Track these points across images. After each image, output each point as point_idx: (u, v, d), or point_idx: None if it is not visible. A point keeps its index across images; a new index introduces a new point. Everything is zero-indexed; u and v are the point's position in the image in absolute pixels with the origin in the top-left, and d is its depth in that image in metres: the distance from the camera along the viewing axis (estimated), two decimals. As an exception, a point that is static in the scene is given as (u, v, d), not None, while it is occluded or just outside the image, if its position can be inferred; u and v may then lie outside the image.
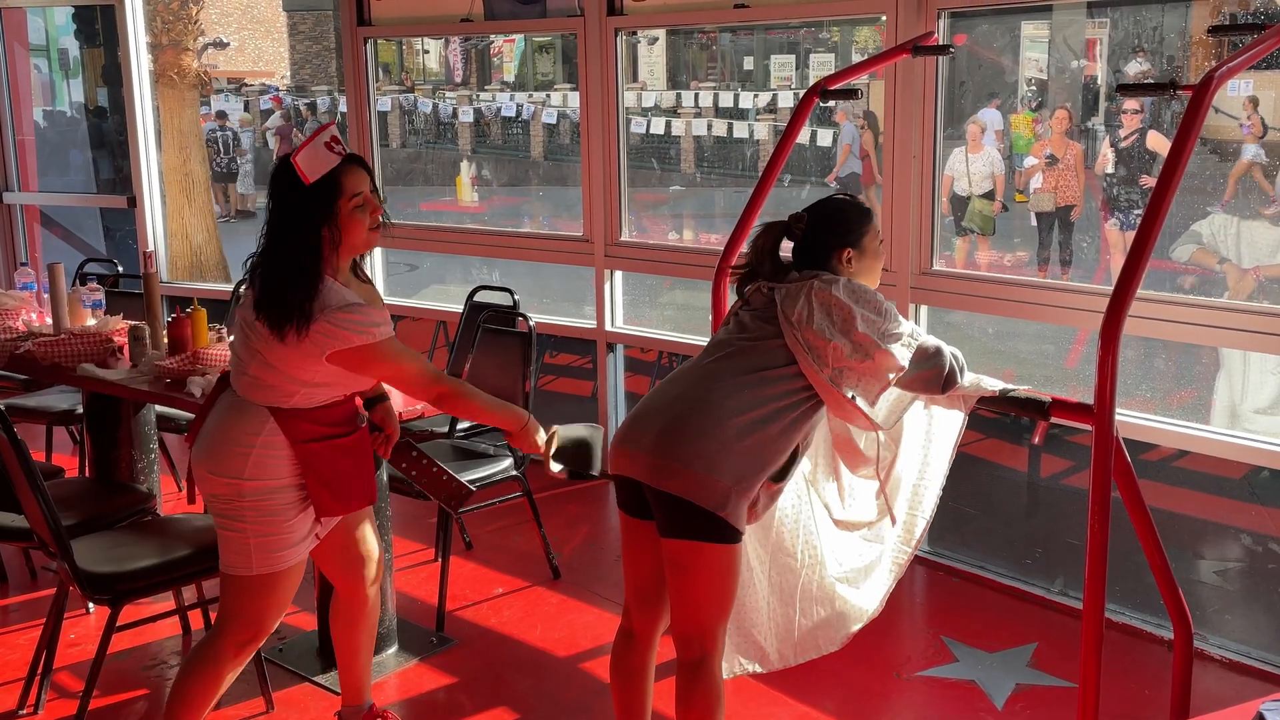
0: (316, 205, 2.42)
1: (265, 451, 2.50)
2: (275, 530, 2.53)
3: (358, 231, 2.47)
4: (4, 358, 3.81)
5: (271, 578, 2.56)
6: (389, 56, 17.68)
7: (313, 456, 2.53)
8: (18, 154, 6.62)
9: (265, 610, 2.59)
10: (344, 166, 2.44)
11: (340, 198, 2.43)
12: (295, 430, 2.51)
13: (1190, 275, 5.10)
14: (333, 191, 2.42)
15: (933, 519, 2.79)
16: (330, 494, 2.56)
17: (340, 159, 2.43)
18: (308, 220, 2.42)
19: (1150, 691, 3.22)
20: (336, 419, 2.58)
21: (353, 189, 2.45)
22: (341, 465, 2.58)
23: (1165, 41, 9.88)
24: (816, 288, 2.42)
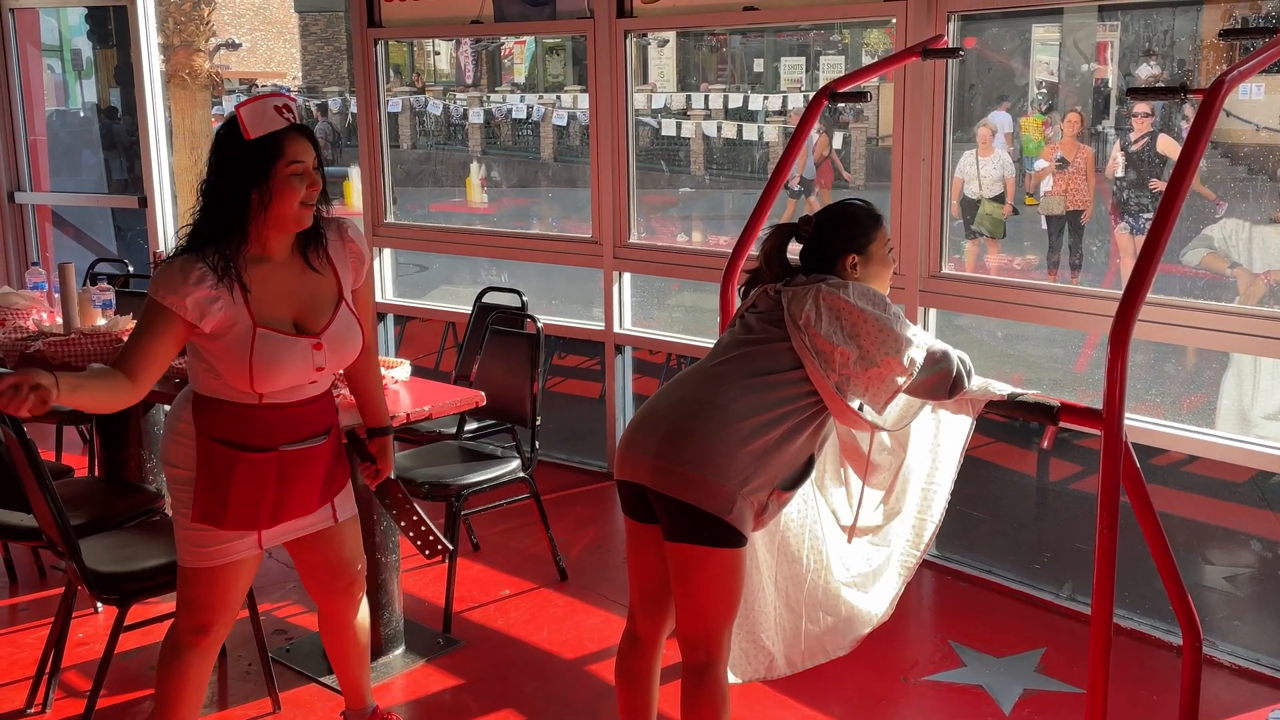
0: (252, 161, 2.30)
1: (181, 439, 2.44)
2: (189, 524, 2.46)
3: (289, 200, 2.33)
4: (14, 357, 3.82)
5: (199, 573, 2.49)
6: (400, 58, 17.72)
7: (212, 456, 2.41)
8: (30, 154, 6.65)
9: (207, 602, 2.52)
10: (288, 131, 2.33)
11: (278, 159, 2.31)
12: (205, 423, 2.42)
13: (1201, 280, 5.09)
14: (271, 151, 2.30)
15: (941, 523, 2.79)
16: (218, 502, 2.42)
17: (286, 125, 2.33)
18: (240, 176, 2.31)
19: (1159, 698, 3.21)
20: (258, 430, 2.43)
21: (293, 155, 2.32)
22: (240, 478, 2.42)
23: (1176, 45, 9.85)
24: (824, 291, 2.42)
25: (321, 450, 2.55)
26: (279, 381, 2.40)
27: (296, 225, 2.39)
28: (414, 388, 3.46)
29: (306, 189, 2.35)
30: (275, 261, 2.42)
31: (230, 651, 3.46)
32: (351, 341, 2.52)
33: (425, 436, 4.12)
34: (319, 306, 2.46)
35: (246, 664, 3.40)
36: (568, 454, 5.25)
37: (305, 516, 2.59)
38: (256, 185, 2.31)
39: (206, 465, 2.42)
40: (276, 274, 2.41)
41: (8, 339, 3.88)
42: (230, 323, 2.34)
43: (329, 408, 2.59)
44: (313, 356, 2.43)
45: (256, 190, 2.31)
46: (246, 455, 2.43)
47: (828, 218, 2.55)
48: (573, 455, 5.24)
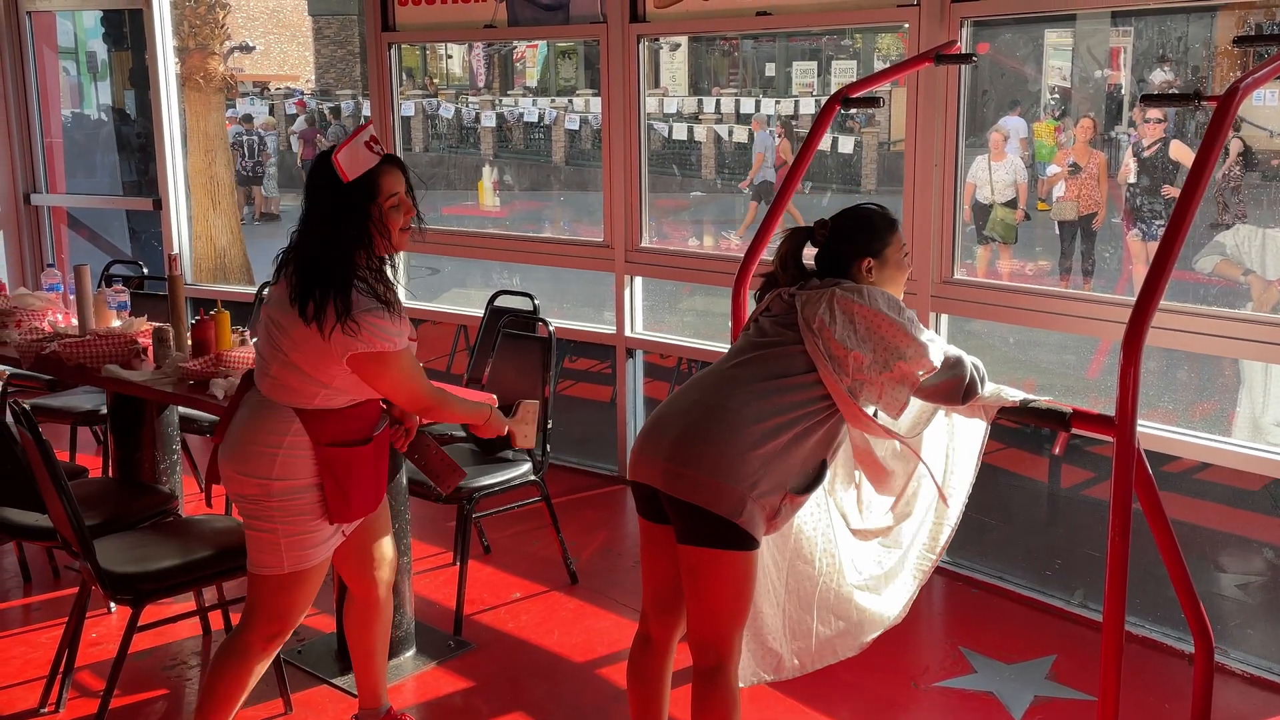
0: (354, 203, 2.45)
1: (291, 452, 2.52)
2: (303, 529, 2.56)
3: (394, 229, 2.51)
4: (30, 358, 3.85)
5: (300, 575, 2.59)
6: (412, 61, 17.78)
7: (333, 460, 2.54)
8: (46, 156, 6.69)
9: (293, 605, 2.63)
10: (382, 166, 2.48)
11: (377, 197, 2.47)
12: (319, 432, 2.53)
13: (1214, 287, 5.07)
14: (370, 190, 2.46)
15: (957, 526, 2.78)
16: (344, 499, 2.57)
17: (379, 159, 2.47)
18: (344, 218, 2.46)
19: (1170, 705, 3.20)
20: (360, 425, 2.60)
21: (389, 189, 2.49)
22: (359, 470, 2.60)
23: (1190, 51, 9.82)
24: (839, 295, 2.42)
25: (388, 434, 2.76)
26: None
27: (397, 249, 2.58)
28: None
29: (404, 216, 2.53)
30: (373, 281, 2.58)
31: (242, 652, 3.48)
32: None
33: (438, 439, 4.13)
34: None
35: (258, 665, 3.41)
36: (578, 457, 5.25)
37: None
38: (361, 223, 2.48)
39: (329, 471, 2.55)
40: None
41: (24, 340, 3.91)
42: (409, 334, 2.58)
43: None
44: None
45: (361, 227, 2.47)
46: (359, 449, 2.60)
47: (843, 222, 2.55)
48: (583, 459, 5.25)
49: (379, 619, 2.91)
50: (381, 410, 2.71)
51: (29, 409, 2.90)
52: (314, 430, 2.53)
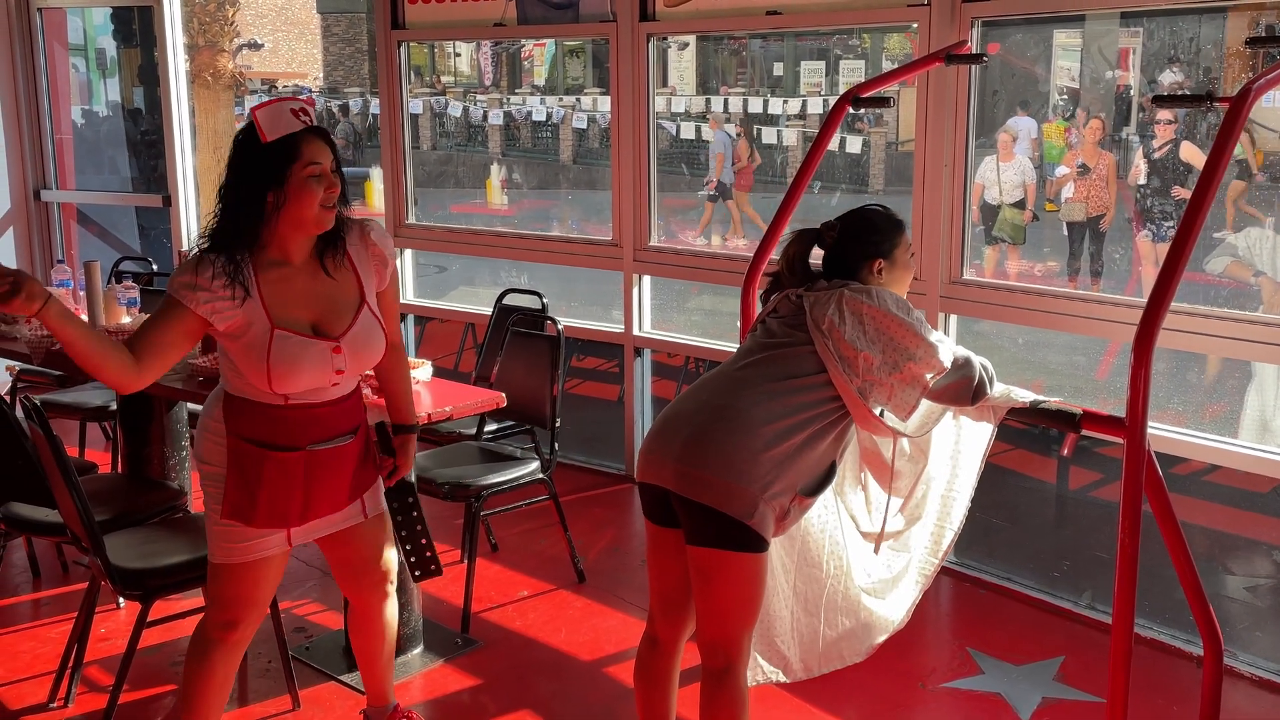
0: (268, 164, 2.30)
1: (213, 437, 2.47)
2: (220, 522, 2.49)
3: (308, 203, 2.33)
4: (40, 354, 3.86)
5: (225, 569, 2.52)
6: (420, 59, 17.79)
7: (242, 455, 2.44)
8: (56, 153, 6.70)
9: (234, 598, 2.54)
10: (305, 134, 2.33)
11: (295, 162, 2.31)
12: (234, 421, 2.45)
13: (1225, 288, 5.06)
14: (288, 154, 2.31)
15: (961, 530, 2.78)
16: (249, 499, 2.45)
17: (303, 127, 2.33)
18: (257, 179, 2.31)
19: (1178, 708, 3.19)
20: (285, 430, 2.45)
21: (310, 157, 2.33)
22: (273, 477, 2.45)
23: (1201, 53, 9.80)
24: (847, 296, 2.42)
25: (349, 449, 2.56)
26: (297, 383, 2.41)
27: (316, 228, 2.39)
28: (435, 388, 3.48)
29: (325, 191, 2.35)
30: (295, 265, 2.42)
31: (251, 649, 3.47)
32: (373, 345, 2.52)
33: (445, 437, 4.14)
34: (339, 310, 2.46)
35: (267, 661, 3.42)
36: (586, 456, 5.26)
37: (335, 514, 2.61)
38: (273, 188, 2.32)
39: (236, 464, 2.44)
40: (296, 277, 2.42)
41: (34, 336, 3.92)
42: (247, 324, 2.36)
43: (357, 407, 2.60)
44: (331, 360, 2.43)
45: (273, 193, 2.32)
46: (275, 454, 2.45)
47: (852, 223, 2.55)
48: (591, 457, 5.25)
49: (378, 625, 2.85)
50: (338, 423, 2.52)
51: (39, 405, 2.90)
52: (230, 417, 2.45)
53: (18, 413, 3.07)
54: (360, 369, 2.54)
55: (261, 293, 2.37)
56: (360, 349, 2.48)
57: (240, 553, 2.51)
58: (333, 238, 2.46)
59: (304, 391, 2.44)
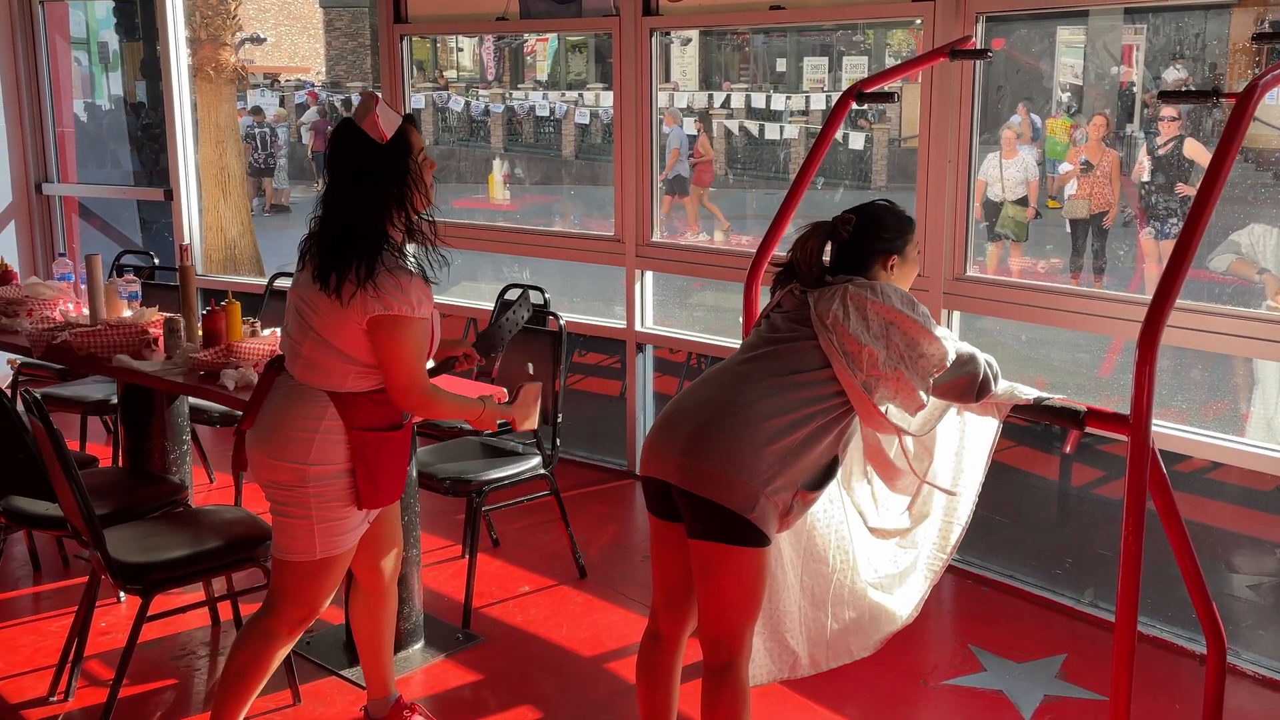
0: (394, 162, 2.45)
1: (328, 437, 2.52)
2: (336, 515, 2.56)
3: (428, 186, 2.53)
4: (41, 347, 3.85)
5: (330, 561, 2.60)
6: (423, 54, 17.76)
7: (365, 445, 2.54)
8: (58, 146, 6.70)
9: (321, 590, 2.64)
10: (407, 124, 2.49)
11: (413, 152, 2.48)
12: (352, 417, 2.53)
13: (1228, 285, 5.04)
14: (406, 146, 2.47)
15: (968, 526, 2.77)
16: (374, 485, 2.57)
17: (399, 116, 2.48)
18: (384, 179, 2.45)
19: (1181, 706, 3.19)
20: (392, 410, 2.59)
21: (419, 144, 2.51)
22: (390, 457, 2.60)
23: (1207, 49, 9.77)
24: (852, 292, 2.41)
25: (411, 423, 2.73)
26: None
27: (427, 205, 2.56)
28: (437, 383, 3.46)
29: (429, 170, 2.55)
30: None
31: (251, 643, 3.48)
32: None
33: (446, 432, 4.13)
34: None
35: (267, 656, 3.41)
36: (587, 452, 5.25)
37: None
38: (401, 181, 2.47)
39: (361, 456, 2.54)
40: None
41: (35, 329, 3.91)
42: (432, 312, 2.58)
43: None
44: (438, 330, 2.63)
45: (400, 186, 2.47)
46: (392, 435, 2.60)
47: (868, 218, 2.53)
48: (593, 453, 5.24)
49: (385, 608, 2.92)
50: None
51: (40, 398, 2.90)
52: (347, 415, 2.52)
53: (18, 406, 3.06)
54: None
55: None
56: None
57: (348, 540, 2.62)
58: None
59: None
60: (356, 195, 2.45)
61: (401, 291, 2.44)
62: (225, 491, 4.71)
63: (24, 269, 6.43)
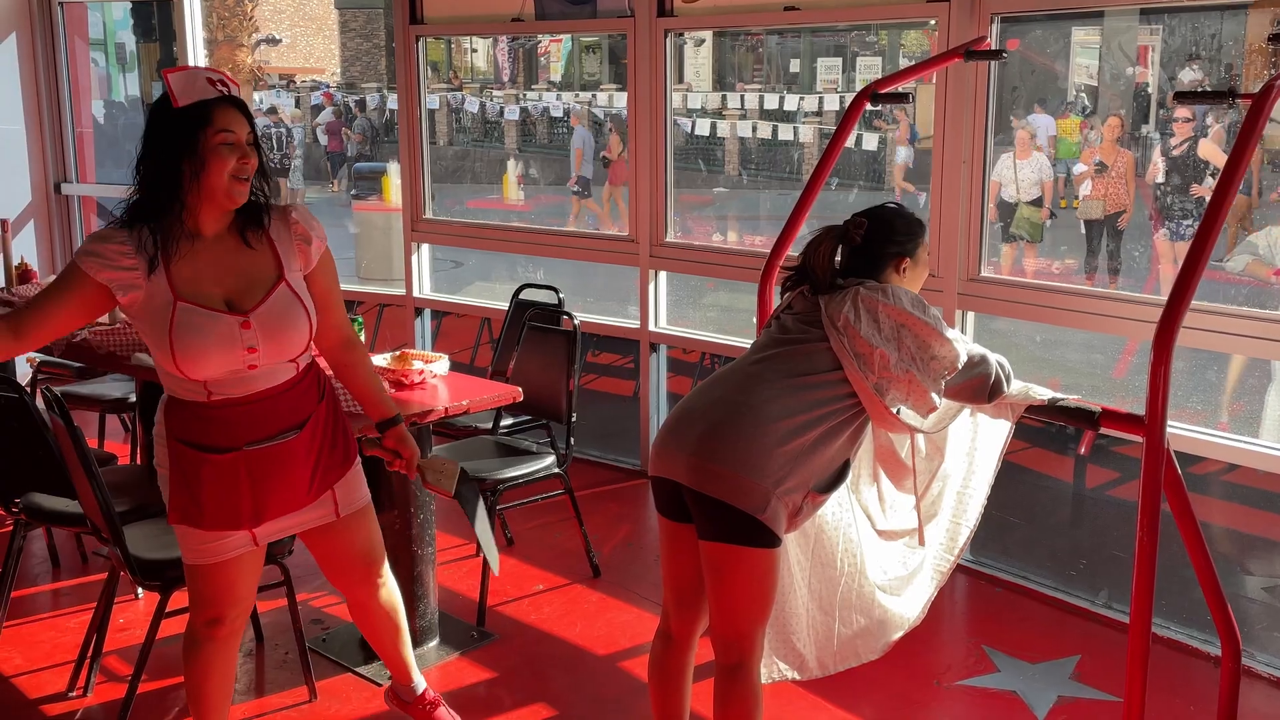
0: (179, 129, 2.22)
1: (160, 440, 2.43)
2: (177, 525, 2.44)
3: (218, 172, 2.24)
4: (60, 345, 3.89)
5: (197, 569, 2.47)
6: (437, 55, 17.81)
7: (181, 458, 2.38)
8: (76, 146, 6.74)
9: (213, 597, 2.49)
10: (218, 100, 2.25)
11: (207, 127, 2.23)
12: (172, 425, 2.39)
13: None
14: (200, 120, 2.23)
15: (976, 527, 2.78)
16: (193, 502, 2.38)
17: (218, 95, 2.25)
18: (169, 146, 2.23)
19: (1195, 708, 3.18)
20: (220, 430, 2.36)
21: (223, 124, 2.24)
22: (213, 480, 2.37)
23: (1223, 49, 9.72)
24: (863, 294, 2.41)
25: (295, 444, 2.42)
26: (205, 362, 2.28)
27: (229, 201, 2.29)
28: (452, 382, 3.49)
29: (237, 161, 2.26)
30: (207, 239, 2.33)
31: (268, 640, 3.51)
32: (290, 323, 2.36)
33: (462, 431, 4.16)
34: (253, 286, 2.34)
35: (284, 653, 3.44)
36: (601, 451, 5.26)
37: (297, 512, 2.50)
38: (186, 156, 2.23)
39: (178, 467, 2.38)
40: (208, 251, 2.32)
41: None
42: (150, 297, 2.27)
43: (301, 400, 2.45)
44: (241, 336, 2.29)
45: (186, 161, 2.23)
46: (211, 456, 2.36)
47: (880, 221, 2.53)
48: (606, 452, 5.26)
49: (380, 617, 2.77)
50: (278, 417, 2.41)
51: (60, 396, 2.92)
52: (168, 418, 2.39)
53: (39, 404, 3.09)
54: (280, 351, 2.37)
55: (169, 267, 2.27)
56: (275, 326, 2.33)
57: (205, 554, 2.44)
58: (254, 215, 2.37)
59: (222, 378, 2.32)
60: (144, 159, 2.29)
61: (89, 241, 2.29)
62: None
63: (43, 268, 6.48)
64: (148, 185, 2.27)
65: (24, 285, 4.56)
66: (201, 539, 2.43)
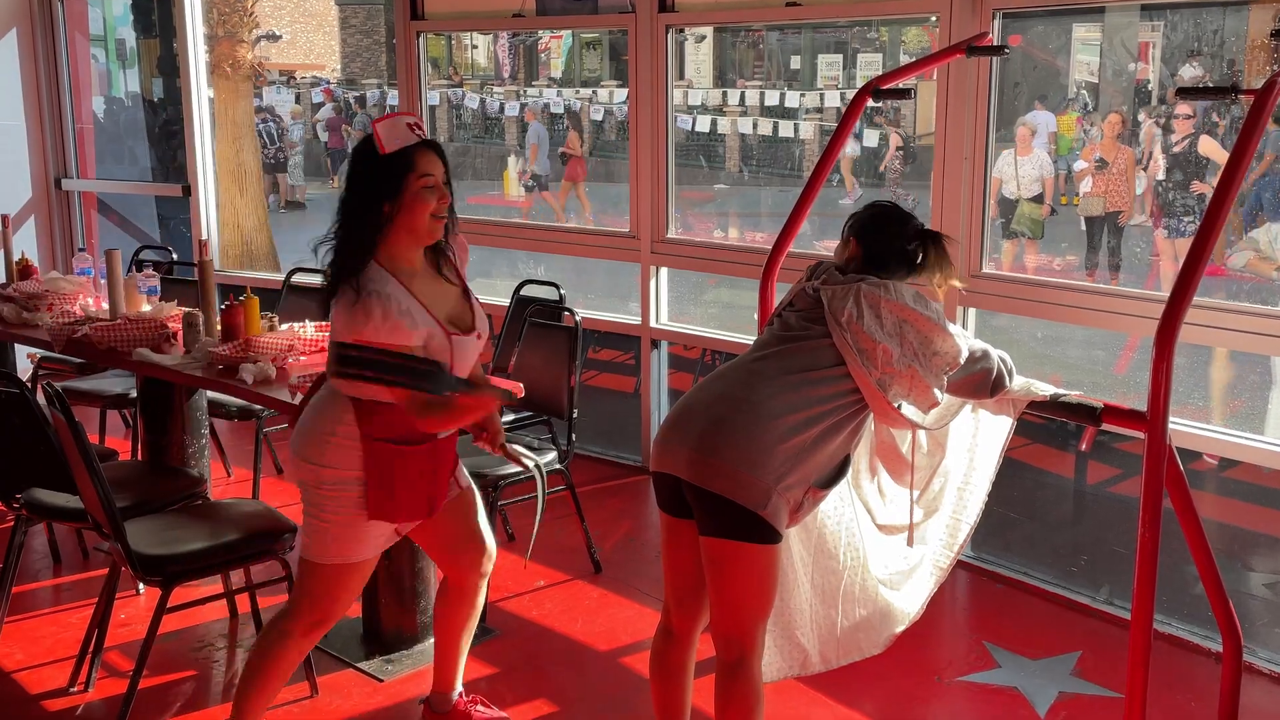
0: (386, 176, 2.41)
1: (343, 442, 2.49)
2: (349, 522, 2.53)
3: (421, 213, 2.44)
4: (61, 341, 3.89)
5: (345, 568, 2.57)
6: (438, 51, 17.79)
7: (380, 455, 2.50)
8: (77, 142, 6.74)
9: (338, 597, 2.62)
10: (420, 146, 2.44)
11: (410, 173, 2.41)
12: (370, 425, 2.49)
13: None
14: (404, 165, 2.41)
15: (977, 524, 2.78)
16: (389, 498, 2.52)
17: (418, 140, 2.44)
18: (375, 190, 2.42)
19: (1196, 704, 3.18)
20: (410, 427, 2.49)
21: (424, 168, 2.43)
22: (407, 472, 2.53)
23: (1225, 45, 9.71)
24: (865, 290, 2.41)
25: (455, 435, 2.69)
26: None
27: (429, 238, 2.49)
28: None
29: (437, 201, 2.45)
30: (419, 272, 2.53)
31: (268, 636, 3.51)
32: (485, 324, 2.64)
33: (462, 427, 4.15)
34: (460, 305, 2.59)
35: (284, 648, 3.43)
36: (602, 447, 5.26)
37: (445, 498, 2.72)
38: (389, 199, 2.42)
39: (374, 465, 2.50)
40: (427, 283, 2.53)
41: (55, 323, 3.95)
42: (428, 335, 2.46)
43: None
44: (477, 349, 2.58)
45: (388, 203, 2.42)
46: (407, 449, 2.52)
47: (889, 219, 2.53)
48: (607, 449, 5.26)
49: (471, 608, 2.88)
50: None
51: (61, 391, 2.92)
52: (365, 423, 2.48)
53: (40, 399, 3.09)
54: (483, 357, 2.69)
55: (422, 303, 2.47)
56: (486, 335, 2.61)
57: (360, 551, 2.57)
58: (442, 250, 2.59)
59: None
60: (349, 204, 2.45)
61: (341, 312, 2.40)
62: (243, 485, 4.74)
63: (44, 264, 6.48)
64: (356, 225, 2.44)
65: (24, 281, 4.56)
66: (367, 534, 2.56)
